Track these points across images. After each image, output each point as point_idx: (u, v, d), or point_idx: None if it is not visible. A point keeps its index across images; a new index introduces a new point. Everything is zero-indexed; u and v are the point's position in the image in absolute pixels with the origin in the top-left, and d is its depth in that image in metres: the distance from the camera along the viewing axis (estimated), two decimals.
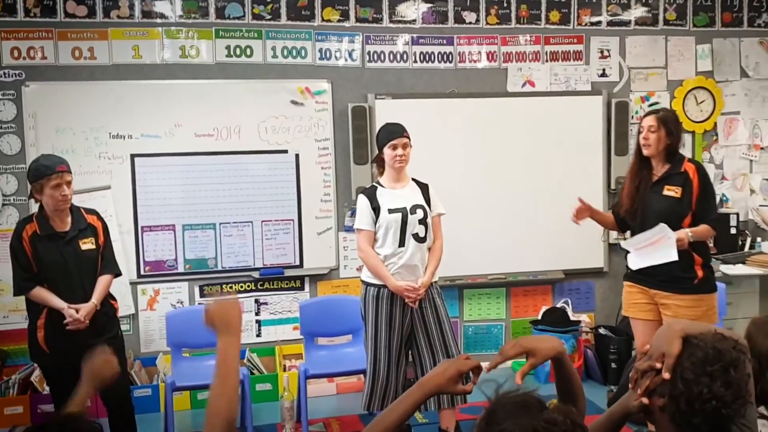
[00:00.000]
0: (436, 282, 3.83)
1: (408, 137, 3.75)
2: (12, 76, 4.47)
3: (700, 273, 3.57)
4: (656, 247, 3.52)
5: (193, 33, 4.70)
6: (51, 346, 3.38)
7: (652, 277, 3.62)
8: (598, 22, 5.31)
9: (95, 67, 4.57)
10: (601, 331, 5.08)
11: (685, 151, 5.37)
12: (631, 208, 3.68)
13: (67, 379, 3.43)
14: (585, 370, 4.98)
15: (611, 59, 5.33)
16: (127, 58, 4.60)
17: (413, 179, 3.86)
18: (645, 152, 3.63)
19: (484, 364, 1.67)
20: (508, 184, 5.10)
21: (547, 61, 5.24)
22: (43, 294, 3.35)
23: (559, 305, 5.18)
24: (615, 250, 5.31)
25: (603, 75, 5.32)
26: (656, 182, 3.63)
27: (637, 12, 5.37)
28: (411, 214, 3.69)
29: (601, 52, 5.31)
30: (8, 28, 4.45)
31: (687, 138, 5.42)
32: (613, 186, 5.24)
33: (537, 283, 5.24)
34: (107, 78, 4.58)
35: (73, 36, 4.53)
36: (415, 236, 3.71)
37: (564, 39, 5.26)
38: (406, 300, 3.66)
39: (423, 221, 3.72)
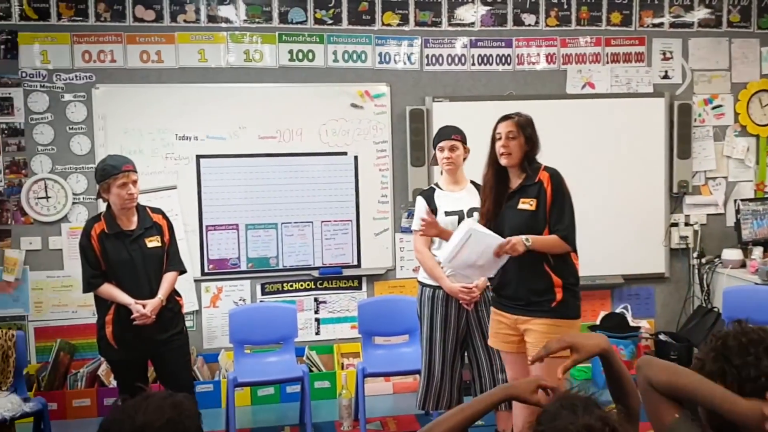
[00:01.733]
0: None
1: (458, 140, 3.73)
2: (83, 78, 4.63)
3: (558, 296, 3.11)
4: (480, 255, 3.09)
5: (257, 37, 4.80)
6: (119, 340, 3.47)
7: (511, 301, 3.21)
8: (661, 24, 5.23)
9: (162, 70, 4.70)
10: (662, 337, 4.99)
11: (750, 155, 5.30)
12: (488, 227, 3.20)
13: (134, 372, 3.56)
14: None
15: (674, 61, 5.25)
16: (193, 62, 4.73)
17: (472, 182, 3.85)
18: (503, 162, 3.20)
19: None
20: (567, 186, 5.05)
21: (607, 62, 5.19)
22: (111, 290, 3.43)
23: (618, 311, 5.10)
24: (677, 255, 5.23)
25: (665, 77, 5.24)
26: (511, 195, 3.23)
27: (700, 13, 5.27)
28: (468, 216, 3.67)
29: (664, 53, 5.24)
30: (80, 32, 4.62)
31: (751, 142, 5.32)
32: (675, 190, 5.15)
33: (595, 288, 5.17)
34: (174, 81, 4.70)
35: (141, 40, 4.67)
36: None
37: (625, 40, 5.20)
38: (461, 302, 3.66)
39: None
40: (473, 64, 5.06)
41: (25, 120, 4.59)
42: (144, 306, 3.40)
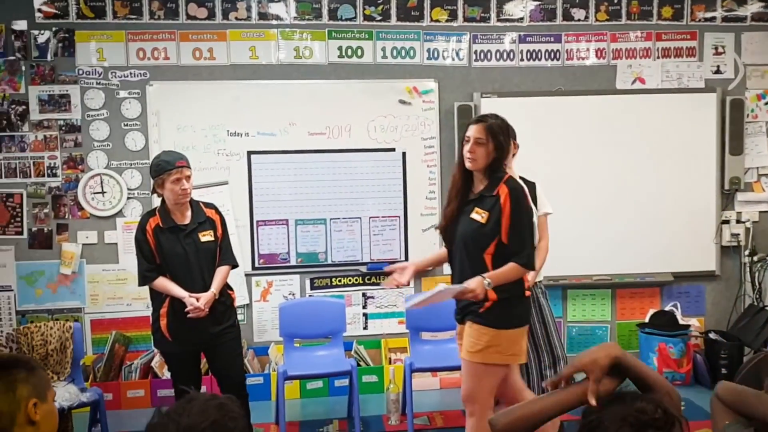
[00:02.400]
0: (540, 282, 3.80)
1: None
2: (137, 75, 4.72)
3: (488, 303, 2.99)
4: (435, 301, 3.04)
5: (307, 34, 4.84)
6: (173, 333, 3.52)
7: (457, 312, 3.20)
8: (713, 18, 5.14)
9: (214, 67, 4.77)
10: (712, 335, 4.93)
11: None
12: (446, 230, 3.16)
13: (188, 364, 3.62)
14: (694, 375, 4.86)
15: (726, 56, 5.15)
16: (244, 59, 4.78)
17: (520, 177, 3.83)
18: (468, 166, 3.07)
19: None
20: (616, 183, 5.01)
21: (658, 57, 5.12)
22: (165, 284, 3.49)
23: (667, 308, 5.05)
24: (727, 253, 5.16)
25: (717, 72, 5.16)
26: (469, 201, 3.11)
27: (754, 7, 5.17)
28: None
29: (716, 48, 5.15)
30: (135, 30, 4.70)
31: None
32: (726, 186, 5.08)
33: (644, 285, 5.13)
34: (225, 78, 4.77)
35: (194, 37, 4.74)
36: None
37: (676, 35, 5.12)
38: None
39: None
40: (522, 60, 5.03)
41: (82, 116, 4.69)
42: (197, 299, 3.45)
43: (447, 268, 3.62)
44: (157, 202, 4.65)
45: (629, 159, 5.02)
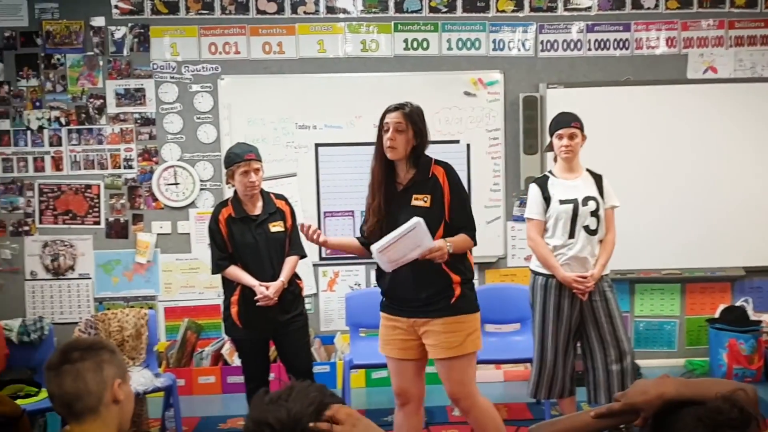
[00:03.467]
0: (607, 275, 3.75)
1: (577, 127, 3.65)
2: (209, 69, 4.84)
3: (457, 291, 3.02)
4: (409, 251, 2.87)
5: (374, 27, 4.88)
6: (243, 320, 3.61)
7: (407, 303, 3.07)
8: None
9: (283, 61, 4.85)
10: None
11: None
12: (377, 226, 3.04)
13: (257, 351, 3.71)
14: (765, 371, 4.74)
15: None
16: (312, 52, 4.86)
17: (587, 170, 3.78)
18: (389, 155, 3.01)
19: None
20: (686, 174, 4.91)
21: (731, 46, 4.99)
22: (237, 272, 3.58)
23: (738, 304, 4.94)
24: None
25: None
26: (402, 191, 3.05)
27: None
28: (583, 205, 3.60)
29: None
30: (207, 25, 4.82)
31: None
32: None
33: (715, 280, 5.03)
34: (294, 71, 4.85)
35: (263, 32, 4.83)
36: (586, 228, 3.62)
37: (750, 23, 4.99)
38: (575, 291, 3.62)
39: (595, 213, 3.62)
40: (589, 50, 4.97)
41: (156, 110, 4.85)
42: (267, 288, 3.53)
43: None
44: (228, 192, 4.81)
45: (700, 150, 4.92)
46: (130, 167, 4.87)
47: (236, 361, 4.84)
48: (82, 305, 4.89)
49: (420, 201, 3.01)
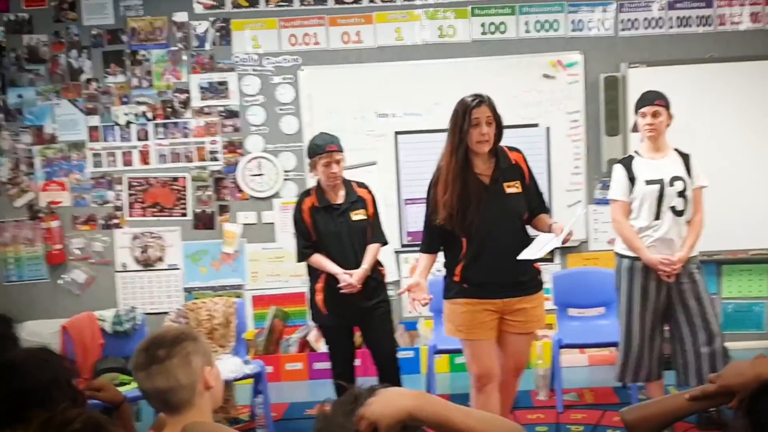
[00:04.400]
0: (695, 257, 3.67)
1: (662, 105, 3.58)
2: (290, 61, 4.91)
3: (536, 270, 3.28)
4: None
5: (450, 13, 4.88)
6: (329, 307, 3.69)
7: (499, 286, 3.15)
8: None
9: (362, 50, 4.89)
10: None
11: None
12: (461, 218, 3.09)
13: (343, 337, 3.78)
14: None
15: None
16: (390, 40, 4.88)
17: (675, 149, 3.71)
18: (482, 149, 3.11)
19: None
20: None
21: None
22: (320, 260, 3.65)
23: None
24: None
25: None
26: (493, 182, 3.16)
27: None
28: (669, 186, 3.54)
29: None
30: (286, 17, 4.88)
31: None
32: None
33: None
34: (372, 60, 4.88)
35: (342, 21, 4.88)
36: (673, 209, 3.56)
37: None
38: (661, 274, 3.55)
39: (682, 194, 3.55)
40: (671, 27, 4.89)
41: (240, 102, 4.94)
42: (351, 275, 3.58)
43: None
44: (311, 182, 4.87)
45: None
46: (216, 159, 4.98)
47: (322, 347, 4.92)
48: (171, 295, 5.03)
49: (513, 188, 3.16)
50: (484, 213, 3.10)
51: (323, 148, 3.57)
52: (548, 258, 4.98)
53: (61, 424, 1.29)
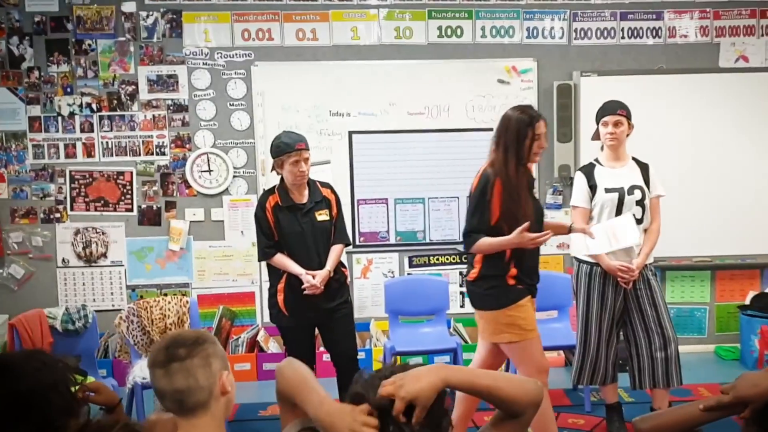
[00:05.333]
0: (651, 263, 3.78)
1: (623, 115, 3.67)
2: (242, 56, 4.81)
3: None
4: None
5: (408, 14, 4.85)
6: (289, 308, 3.62)
7: (535, 287, 3.30)
8: None
9: (317, 48, 4.83)
10: None
11: None
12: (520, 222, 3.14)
13: (303, 338, 3.71)
14: None
15: None
16: (346, 39, 4.83)
17: (634, 158, 3.80)
18: (537, 161, 3.31)
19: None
20: (717, 163, 4.93)
21: (762, 35, 5.00)
22: (283, 260, 3.58)
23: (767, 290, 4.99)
24: None
25: None
26: (531, 188, 3.33)
27: None
28: (628, 194, 3.63)
29: None
30: (240, 11, 4.78)
31: None
32: None
33: (745, 267, 5.07)
34: (328, 58, 4.82)
35: (297, 18, 4.80)
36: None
37: None
38: (620, 280, 3.64)
39: (640, 202, 3.65)
40: (623, 38, 4.97)
41: (189, 96, 4.81)
42: (314, 276, 3.53)
43: None
44: (262, 179, 4.79)
45: (731, 139, 4.93)
46: (163, 154, 4.84)
47: (272, 347, 4.86)
48: (114, 293, 4.87)
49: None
50: (536, 220, 3.20)
51: (293, 147, 3.49)
52: None
53: (98, 431, 1.27)
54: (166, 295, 4.55)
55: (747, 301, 4.94)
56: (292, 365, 1.69)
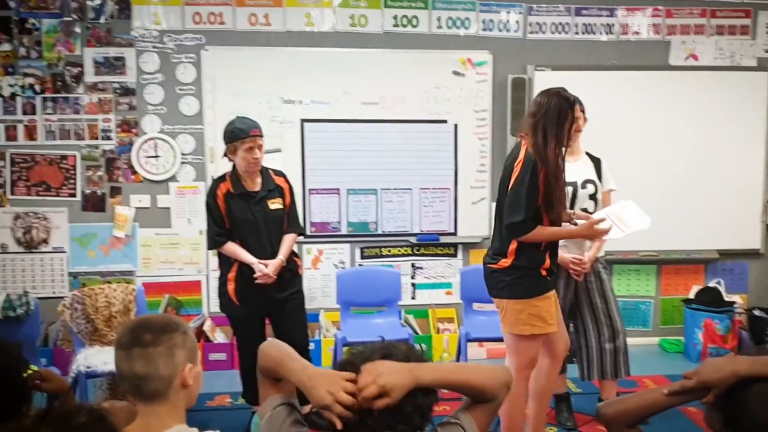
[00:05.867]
0: (602, 257, 3.82)
1: (581, 110, 3.73)
2: (193, 40, 4.69)
3: None
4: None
5: (363, 2, 4.79)
6: (240, 297, 3.57)
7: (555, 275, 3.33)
8: None
9: (270, 34, 4.73)
10: (756, 313, 4.99)
11: None
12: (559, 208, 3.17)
13: (254, 328, 3.67)
14: (738, 351, 4.91)
15: None
16: (299, 26, 4.75)
17: (587, 153, 3.84)
18: (575, 143, 3.48)
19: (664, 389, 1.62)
20: (665, 159, 5.01)
21: (712, 34, 5.09)
22: (235, 249, 3.52)
23: (711, 285, 5.09)
24: None
25: None
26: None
27: None
28: (581, 188, 3.67)
29: None
30: None
31: None
32: None
33: (689, 262, 5.17)
34: (281, 44, 4.73)
35: (250, 2, 4.70)
36: (584, 211, 3.68)
37: (731, 12, 5.09)
38: (572, 273, 3.68)
39: (593, 196, 3.70)
40: (577, 33, 5.00)
41: (137, 80, 4.68)
42: (266, 266, 3.49)
43: None
44: (211, 167, 4.70)
45: (679, 135, 5.02)
46: (109, 138, 4.69)
47: (218, 338, 4.78)
48: (56, 280, 4.72)
49: None
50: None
51: (247, 133, 3.42)
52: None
53: (61, 418, 1.22)
54: (110, 282, 4.42)
55: (691, 295, 5.04)
56: (275, 343, 1.70)
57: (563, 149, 3.08)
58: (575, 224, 3.30)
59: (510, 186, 3.05)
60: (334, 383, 1.47)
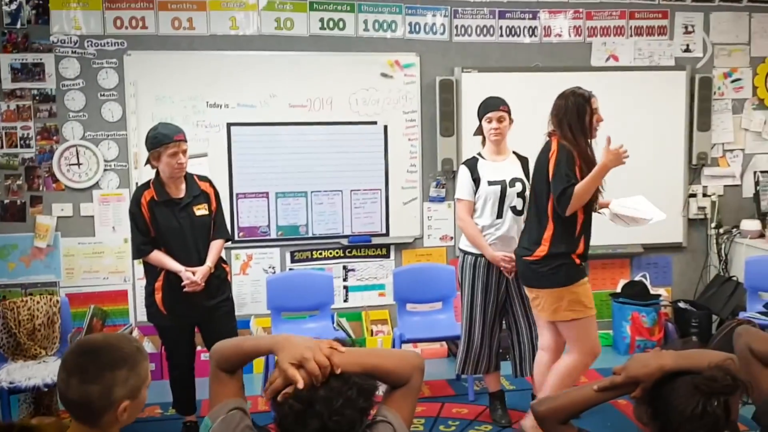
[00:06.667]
0: None
1: (505, 111, 3.81)
2: (114, 45, 4.60)
3: None
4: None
5: (289, 5, 4.78)
6: (168, 307, 3.51)
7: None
8: None
9: (194, 38, 4.68)
10: (681, 305, 5.14)
11: (767, 127, 5.43)
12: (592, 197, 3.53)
13: (183, 338, 3.62)
14: (665, 343, 5.04)
15: (695, 35, 5.31)
16: (224, 29, 4.71)
17: (514, 152, 3.92)
18: (596, 135, 3.58)
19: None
20: None
21: (631, 35, 5.25)
22: (160, 257, 3.47)
23: (637, 279, 5.22)
24: (694, 226, 5.36)
25: (687, 50, 5.32)
26: None
27: None
28: (510, 187, 3.75)
29: (686, 27, 5.30)
30: None
31: None
32: (694, 161, 5.27)
33: (615, 257, 5.29)
34: (205, 48, 4.69)
35: (173, 6, 4.64)
36: (513, 209, 3.77)
37: (649, 14, 5.26)
38: (502, 270, 3.74)
39: (521, 194, 3.77)
40: (501, 36, 5.09)
41: (57, 86, 4.56)
42: (194, 273, 3.44)
43: None
44: (135, 174, 4.61)
45: (601, 134, 5.08)
46: (28, 146, 4.56)
47: (146, 347, 4.67)
48: None
49: None
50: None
51: (171, 138, 3.37)
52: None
53: None
54: (32, 294, 4.28)
55: (618, 289, 5.16)
56: (227, 340, 1.76)
57: (590, 140, 3.46)
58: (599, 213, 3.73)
59: (551, 171, 3.35)
60: (315, 344, 1.54)
